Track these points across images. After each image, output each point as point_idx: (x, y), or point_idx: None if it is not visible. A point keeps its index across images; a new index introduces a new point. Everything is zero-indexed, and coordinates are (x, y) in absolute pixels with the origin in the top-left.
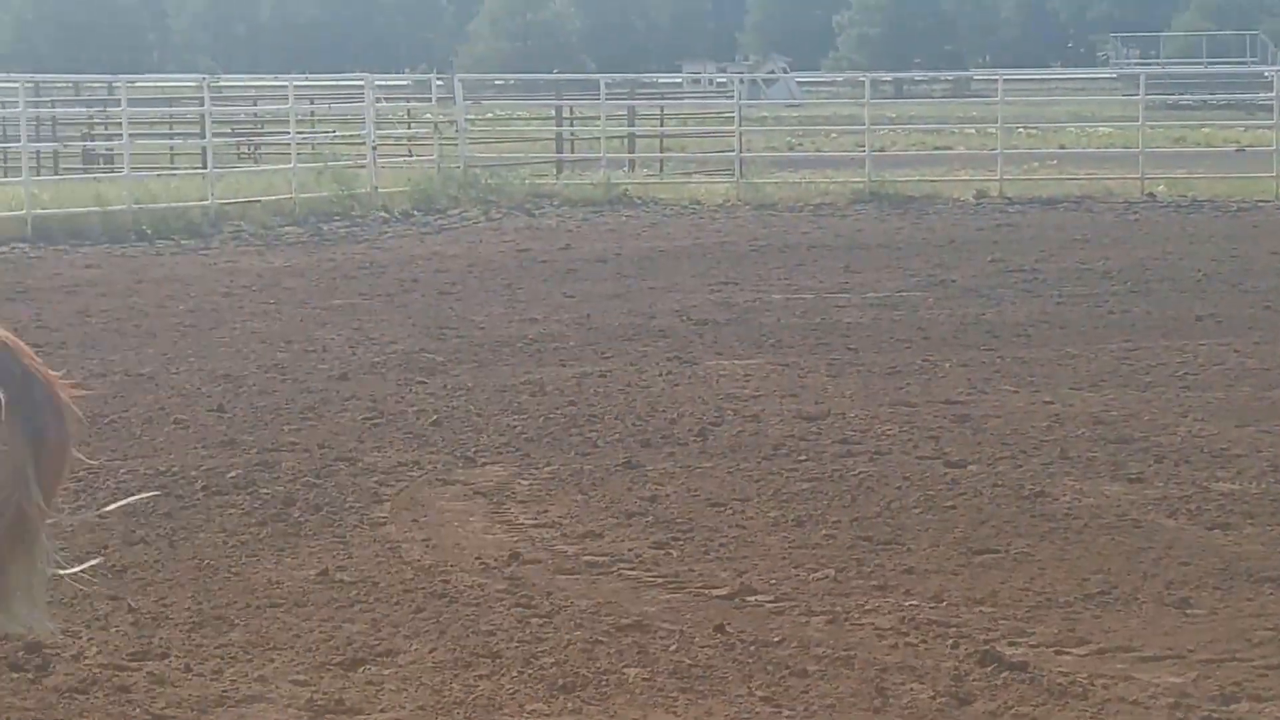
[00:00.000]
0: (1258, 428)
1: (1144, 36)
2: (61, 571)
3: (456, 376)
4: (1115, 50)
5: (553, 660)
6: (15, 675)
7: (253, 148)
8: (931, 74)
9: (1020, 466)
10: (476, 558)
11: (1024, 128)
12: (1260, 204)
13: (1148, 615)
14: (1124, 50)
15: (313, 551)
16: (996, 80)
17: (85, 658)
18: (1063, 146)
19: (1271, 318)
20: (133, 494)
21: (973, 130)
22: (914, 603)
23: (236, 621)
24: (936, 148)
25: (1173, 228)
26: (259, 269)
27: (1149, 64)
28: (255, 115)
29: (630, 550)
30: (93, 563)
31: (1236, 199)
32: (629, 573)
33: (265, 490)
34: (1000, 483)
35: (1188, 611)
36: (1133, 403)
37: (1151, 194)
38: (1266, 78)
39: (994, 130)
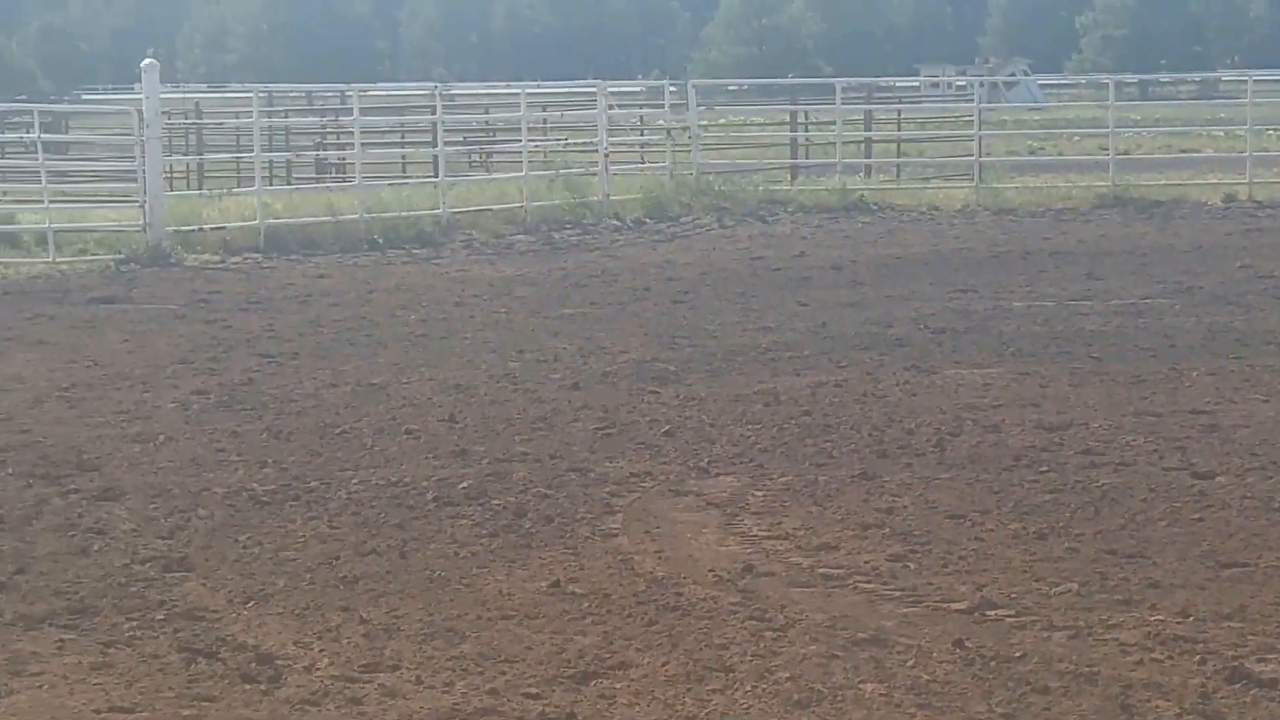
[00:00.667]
0: None
1: None
2: None
3: (689, 386)
4: None
5: (787, 675)
6: (248, 687)
7: (484, 156)
8: (1178, 76)
9: (1270, 478)
10: (709, 570)
11: (1274, 129)
12: None
13: None
14: None
15: (544, 563)
16: (1245, 81)
17: (317, 669)
18: None
19: None
20: (365, 505)
21: (1220, 133)
22: (1160, 618)
23: (468, 633)
24: (1183, 151)
25: None
26: (490, 278)
27: None
28: (487, 123)
29: (866, 563)
30: None
31: None
32: (865, 586)
33: (496, 501)
34: (1249, 494)
35: None
36: None
37: None
38: None
39: (1243, 132)
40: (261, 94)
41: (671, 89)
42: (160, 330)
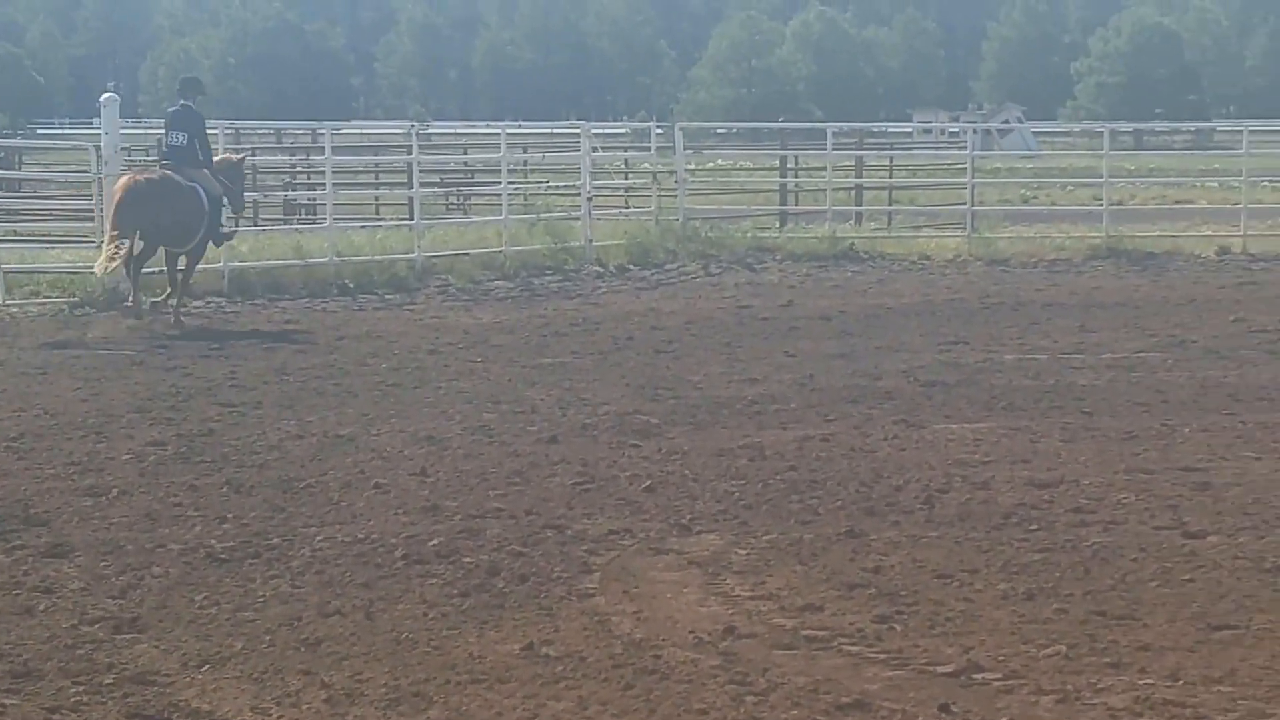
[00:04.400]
0: None
1: None
2: None
3: (672, 439)
4: None
5: None
6: None
7: (462, 198)
8: (1173, 125)
9: (1263, 538)
10: (690, 632)
11: (1269, 181)
12: None
13: None
14: None
15: (517, 624)
16: (1241, 131)
17: None
18: None
19: None
20: (330, 563)
21: (1215, 184)
22: (1149, 681)
23: (435, 699)
24: (1177, 202)
25: None
26: (466, 325)
27: None
28: (465, 164)
29: (851, 624)
30: None
31: None
32: (850, 648)
33: (468, 559)
34: (1241, 555)
35: None
36: None
37: None
38: None
39: (1238, 184)
40: (228, 131)
41: (657, 131)
42: (116, 377)
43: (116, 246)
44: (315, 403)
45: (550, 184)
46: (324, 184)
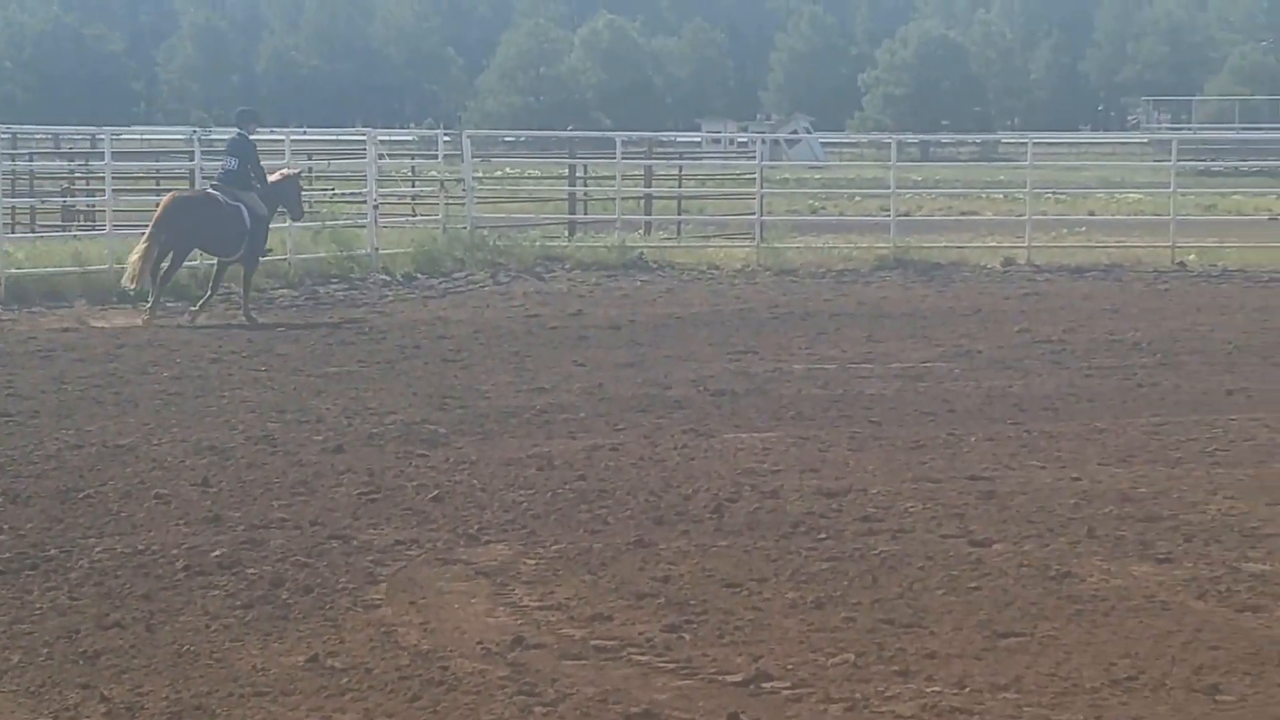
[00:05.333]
0: None
1: (1176, 101)
2: None
3: (459, 449)
4: (1146, 114)
5: None
6: None
7: None
8: (959, 136)
9: (1047, 545)
10: (477, 642)
11: (1053, 193)
12: None
13: (1176, 701)
14: (1155, 114)
15: (302, 636)
16: (1025, 144)
17: None
18: (1092, 213)
19: None
20: (109, 575)
21: (1000, 195)
22: (936, 689)
23: (218, 712)
24: (963, 213)
25: (1203, 298)
26: (250, 334)
27: (1180, 129)
28: None
29: (640, 634)
30: None
31: (1269, 268)
32: (639, 658)
33: (252, 570)
34: (1026, 562)
35: (1217, 698)
36: (1162, 479)
37: (1182, 263)
38: None
39: (1022, 195)
40: (4, 135)
41: (445, 139)
42: None
43: (142, 254)
44: (94, 412)
45: (336, 191)
46: (103, 190)
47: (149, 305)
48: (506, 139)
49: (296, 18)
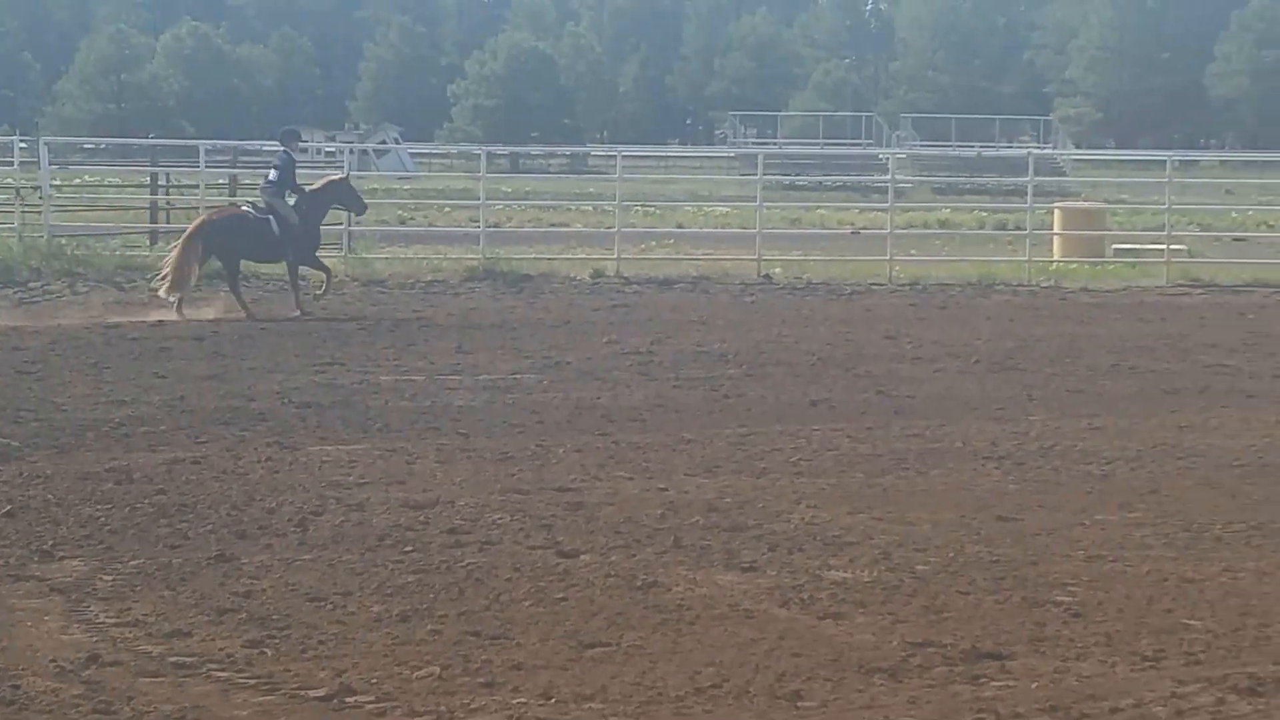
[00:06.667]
0: (870, 514)
1: (762, 116)
2: None
3: (34, 463)
4: (734, 129)
5: None
6: None
7: None
8: (549, 148)
9: (634, 556)
10: (51, 660)
11: (642, 206)
12: (874, 287)
13: (759, 709)
14: (742, 129)
15: None
16: (615, 156)
17: None
18: (680, 226)
19: (883, 403)
20: None
21: (590, 207)
22: (522, 700)
23: None
24: (553, 225)
25: (788, 310)
26: None
27: (766, 144)
28: None
29: (221, 650)
30: None
31: (851, 282)
32: (219, 674)
33: None
34: (613, 573)
35: (799, 704)
36: (747, 489)
37: (768, 275)
38: (881, 160)
39: (611, 208)
40: None
41: (21, 145)
42: None
43: (174, 266)
44: None
45: None
46: None
47: (178, 305)
48: (86, 146)
49: None
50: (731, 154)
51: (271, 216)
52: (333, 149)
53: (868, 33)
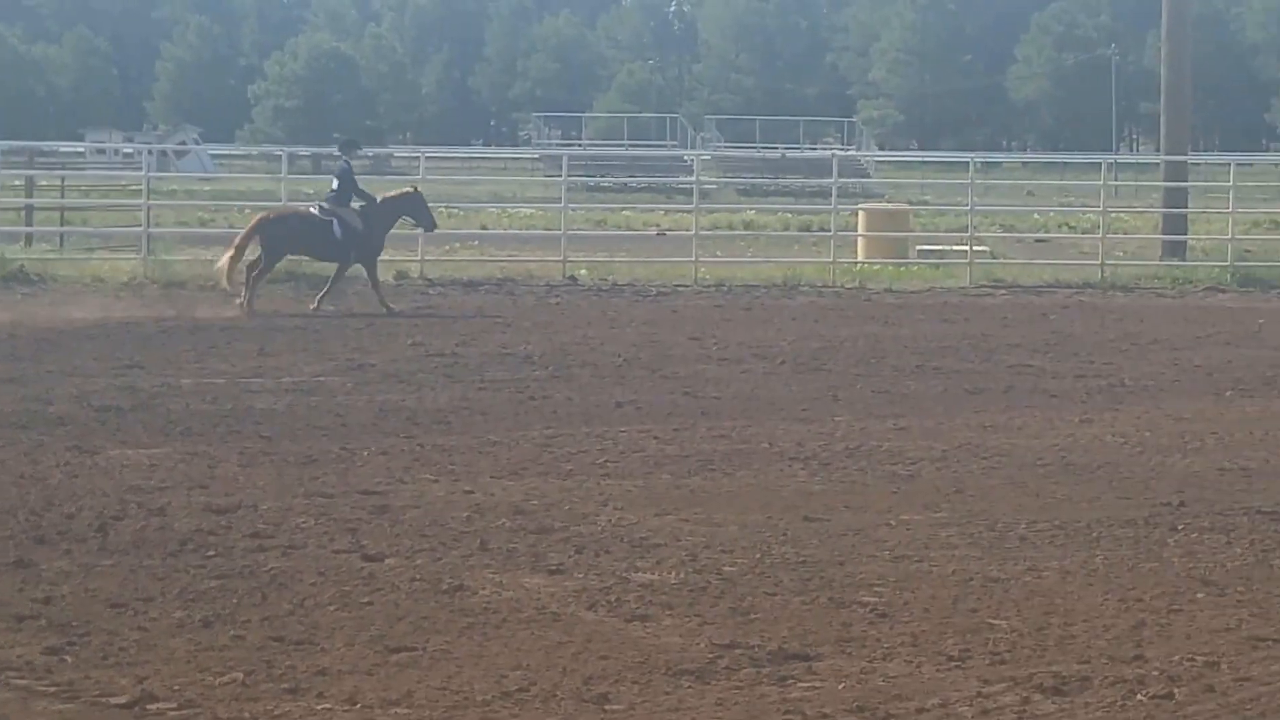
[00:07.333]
0: (676, 516)
1: (566, 117)
2: None
3: None
4: (538, 130)
5: None
6: None
7: None
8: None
9: (440, 559)
10: None
11: (446, 207)
12: (679, 288)
13: (567, 712)
14: (546, 130)
15: None
16: (418, 158)
17: None
18: (484, 227)
19: (690, 404)
20: None
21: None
22: (327, 705)
23: None
24: None
25: (594, 312)
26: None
27: (571, 145)
28: None
29: (20, 657)
30: None
31: (657, 283)
32: (18, 682)
33: None
34: (419, 576)
35: (607, 707)
36: (554, 491)
37: (573, 277)
38: (686, 161)
39: None
40: None
41: None
42: None
43: (228, 260)
44: None
45: None
46: None
47: (243, 300)
48: None
49: None
50: (536, 155)
51: (334, 219)
52: (131, 150)
53: (671, 34)
